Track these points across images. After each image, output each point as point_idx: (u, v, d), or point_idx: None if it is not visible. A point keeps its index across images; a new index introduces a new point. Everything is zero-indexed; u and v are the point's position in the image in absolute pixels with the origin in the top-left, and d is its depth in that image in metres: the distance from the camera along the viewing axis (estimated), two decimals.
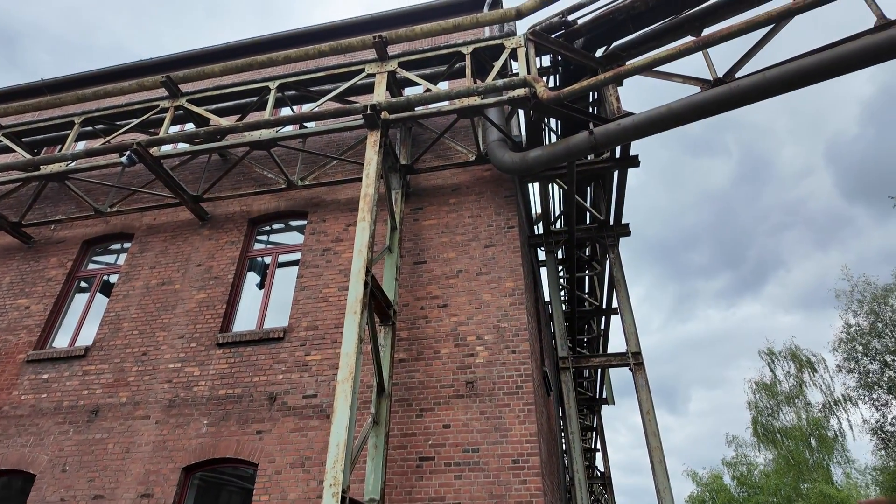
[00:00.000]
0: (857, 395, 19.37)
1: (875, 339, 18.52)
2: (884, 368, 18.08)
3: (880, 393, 18.04)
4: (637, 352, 7.94)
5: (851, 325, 19.52)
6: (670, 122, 6.53)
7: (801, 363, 26.33)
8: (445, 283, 7.38)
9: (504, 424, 6.18)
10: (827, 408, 24.02)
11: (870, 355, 18.62)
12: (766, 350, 27.61)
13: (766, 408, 27.41)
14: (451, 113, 7.25)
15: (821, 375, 25.15)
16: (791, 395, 26.50)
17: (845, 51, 5.68)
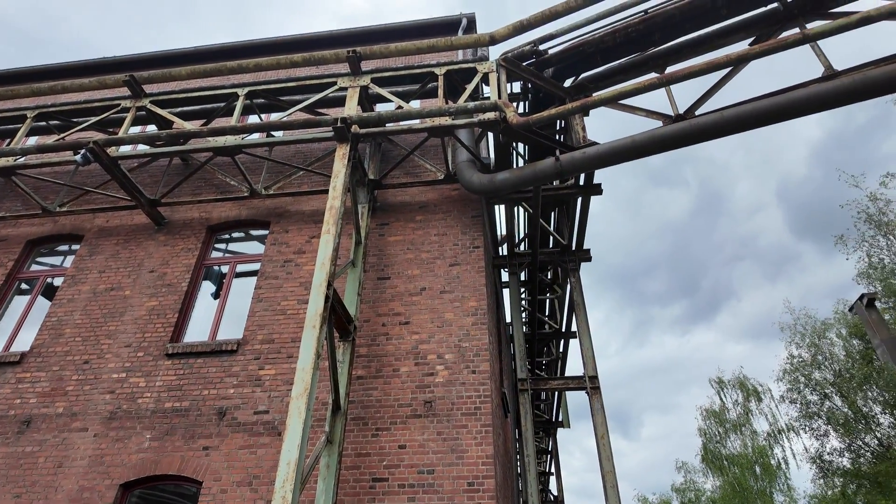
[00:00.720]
0: (799, 425, 20.17)
1: (816, 371, 19.39)
2: (823, 400, 18.91)
3: (820, 423, 18.83)
4: (594, 375, 8.04)
5: (794, 356, 20.40)
6: (633, 154, 6.76)
7: (748, 392, 27.28)
8: (408, 300, 7.32)
9: (461, 446, 6.11)
10: (771, 436, 24.89)
11: (811, 386, 19.47)
12: (717, 379, 28.53)
13: (715, 435, 28.18)
14: (422, 131, 7.29)
15: (766, 405, 26.12)
16: (738, 423, 27.33)
17: (796, 97, 6.03)
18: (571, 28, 8.15)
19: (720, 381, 28.08)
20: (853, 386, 17.71)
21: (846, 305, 19.32)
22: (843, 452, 17.98)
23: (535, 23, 7.61)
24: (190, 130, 7.87)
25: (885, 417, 17.26)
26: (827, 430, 18.51)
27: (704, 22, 7.53)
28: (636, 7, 7.83)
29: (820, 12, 6.98)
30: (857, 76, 5.88)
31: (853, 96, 5.81)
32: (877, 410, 17.44)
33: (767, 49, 5.82)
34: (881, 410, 17.30)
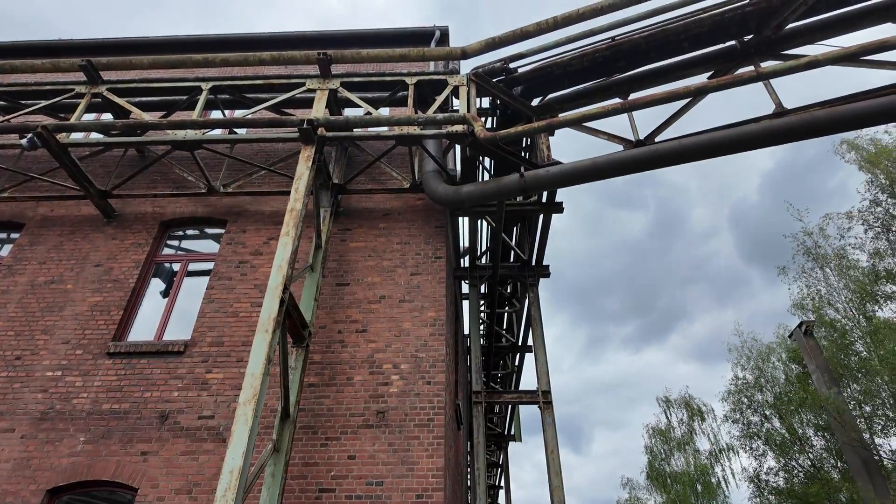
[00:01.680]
0: (740, 445, 20.94)
1: (758, 393, 20.23)
2: (763, 421, 19.73)
3: (759, 444, 19.62)
4: (547, 390, 8.14)
5: (739, 378, 21.24)
6: (594, 175, 6.93)
7: (692, 411, 28.11)
8: (367, 308, 7.24)
9: (411, 458, 6.05)
10: (713, 455, 25.69)
11: (752, 408, 20.28)
12: (664, 397, 29.27)
13: (660, 452, 28.84)
14: (389, 139, 7.27)
15: (709, 424, 26.98)
16: (682, 442, 28.08)
17: (748, 131, 6.33)
18: (541, 49, 8.34)
19: (667, 400, 28.84)
20: (791, 409, 18.57)
21: (787, 331, 20.31)
22: (779, 472, 18.79)
23: (507, 41, 7.74)
24: (148, 122, 7.60)
25: (817, 440, 18.16)
26: (765, 450, 19.31)
27: (667, 53, 7.84)
28: (604, 34, 8.09)
29: (773, 53, 7.39)
30: (804, 116, 6.24)
31: (800, 134, 6.16)
32: (810, 433, 18.34)
33: (724, 84, 6.10)
34: (814, 433, 18.20)
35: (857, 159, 14.73)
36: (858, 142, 14.99)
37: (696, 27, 7.41)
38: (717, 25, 7.38)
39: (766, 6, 7.11)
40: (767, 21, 7.17)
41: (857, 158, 14.76)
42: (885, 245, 13.79)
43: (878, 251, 14.00)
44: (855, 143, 15.08)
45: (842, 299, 15.64)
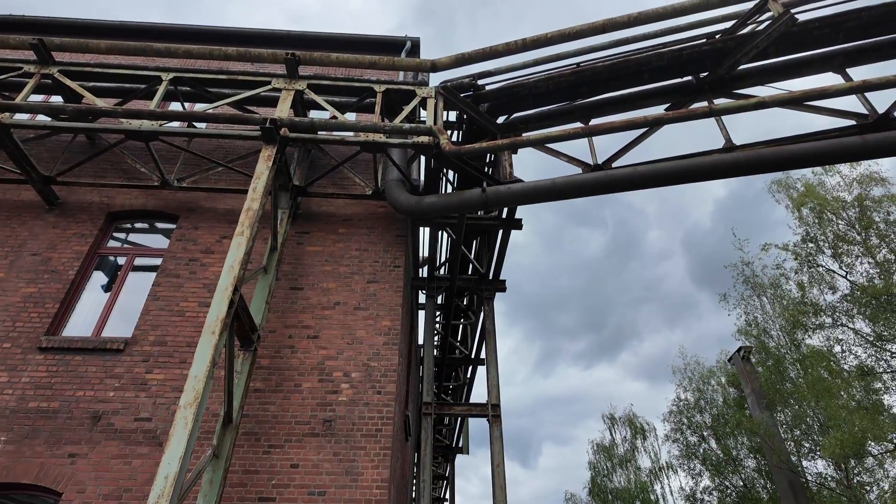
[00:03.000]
0: (679, 464, 21.66)
1: (698, 414, 21.03)
2: (701, 441, 20.50)
3: (696, 463, 20.35)
4: (496, 404, 8.20)
5: (681, 399, 22.03)
6: (553, 195, 7.10)
7: (636, 429, 28.93)
8: (320, 314, 7.13)
9: (356, 468, 5.97)
10: (653, 473, 26.47)
11: (692, 428, 21.05)
12: (609, 415, 30.03)
13: (603, 469, 29.46)
14: (354, 144, 7.24)
15: (651, 442, 27.83)
16: (625, 459, 28.80)
17: (698, 163, 6.66)
18: (509, 69, 8.53)
19: (612, 417, 29.59)
20: (727, 431, 19.38)
21: (728, 355, 21.23)
22: (713, 492, 19.55)
23: (476, 58, 7.88)
24: (102, 108, 7.29)
25: (750, 461, 19.00)
26: (701, 469, 20.05)
27: (628, 83, 8.15)
28: (570, 59, 8.36)
29: (726, 91, 7.80)
30: (751, 152, 6.61)
31: (746, 169, 6.52)
32: (744, 454, 19.17)
33: (679, 117, 6.40)
34: (747, 454, 19.04)
35: (787, 198, 15.73)
36: (789, 181, 16.03)
37: (656, 60, 7.75)
38: (676, 60, 7.75)
39: (721, 46, 7.53)
40: (722, 60, 7.58)
41: (786, 198, 15.77)
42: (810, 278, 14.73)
43: (804, 284, 14.93)
44: (786, 182, 16.11)
45: (776, 327, 16.53)
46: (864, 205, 14.23)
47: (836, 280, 14.30)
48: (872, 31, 7.39)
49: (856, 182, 14.58)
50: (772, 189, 16.55)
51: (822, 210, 14.70)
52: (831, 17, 7.29)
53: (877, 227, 13.94)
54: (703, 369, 22.05)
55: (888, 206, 13.98)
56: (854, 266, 14.01)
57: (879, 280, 13.28)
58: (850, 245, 14.09)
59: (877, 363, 12.95)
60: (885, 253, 13.63)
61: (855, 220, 14.19)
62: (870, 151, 6.19)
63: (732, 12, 7.89)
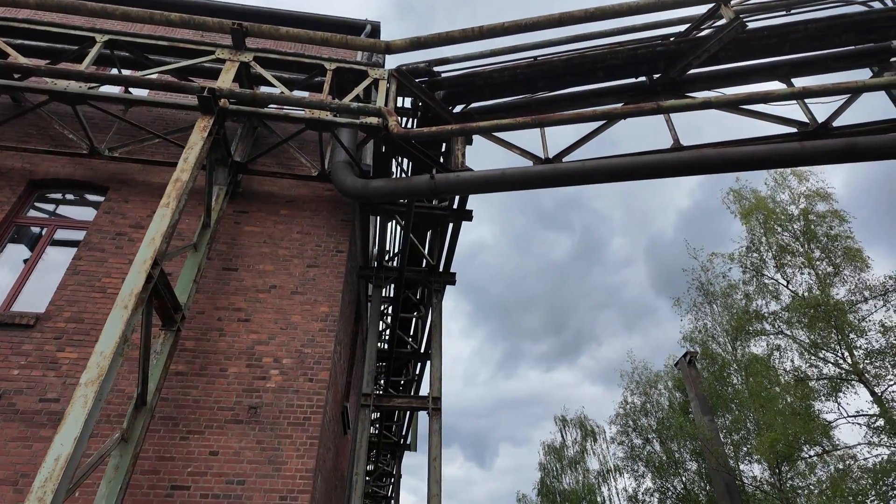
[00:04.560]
0: (624, 465, 22.03)
1: (643, 417, 21.44)
2: (646, 444, 20.91)
3: (640, 465, 20.74)
4: (438, 397, 8.03)
5: (629, 402, 22.43)
6: (502, 186, 6.98)
7: (586, 432, 29.31)
8: (253, 297, 6.80)
9: (280, 457, 5.69)
10: (601, 475, 26.85)
11: (637, 431, 21.46)
12: (561, 416, 30.33)
13: (553, 470, 29.73)
14: (299, 121, 6.95)
15: (600, 445, 28.24)
16: (574, 461, 29.13)
17: (646, 160, 6.66)
18: (466, 58, 8.40)
19: (564, 419, 29.88)
20: (670, 434, 19.82)
21: (675, 360, 21.74)
22: (654, 493, 19.97)
23: (432, 42, 7.70)
24: (26, 66, 6.77)
25: (691, 464, 19.49)
26: (645, 471, 20.45)
27: (583, 79, 8.14)
28: (528, 52, 8.29)
29: (677, 94, 7.87)
30: (696, 152, 6.66)
31: (692, 169, 6.56)
32: (686, 457, 19.64)
33: (627, 112, 6.39)
34: (689, 457, 19.52)
35: (738, 209, 16.22)
36: (742, 192, 16.54)
37: (611, 58, 7.75)
38: (630, 59, 7.78)
39: (674, 48, 7.59)
40: (674, 62, 7.65)
41: (738, 208, 16.26)
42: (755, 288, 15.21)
43: (749, 294, 15.42)
44: (739, 193, 16.62)
45: (723, 334, 16.99)
46: (808, 219, 14.77)
47: (780, 290, 14.80)
48: (816, 44, 7.59)
49: (802, 196, 15.13)
50: (727, 199, 17.02)
51: (768, 221, 15.19)
52: (779, 27, 7.44)
53: (819, 240, 14.49)
54: (650, 373, 22.54)
55: (831, 221, 14.55)
56: (795, 276, 14.53)
57: (818, 291, 13.80)
58: (794, 256, 14.60)
59: (810, 370, 13.47)
60: (825, 266, 14.18)
61: (800, 233, 14.72)
62: (807, 158, 6.32)
63: (687, 16, 7.97)
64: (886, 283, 12.94)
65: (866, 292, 13.15)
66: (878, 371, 12.22)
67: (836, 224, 14.40)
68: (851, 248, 13.92)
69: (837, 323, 12.85)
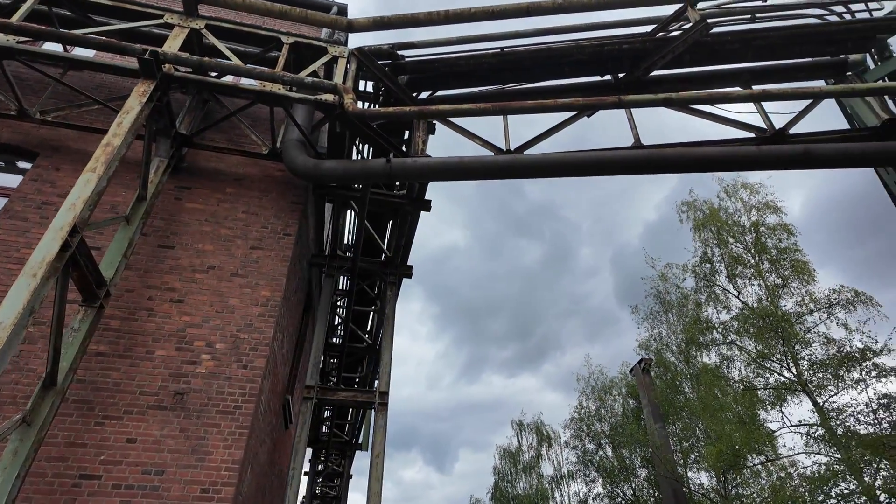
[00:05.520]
0: (577, 470, 22.13)
1: (597, 423, 21.60)
2: (598, 449, 21.05)
3: (591, 470, 20.86)
4: (385, 392, 7.73)
5: (584, 407, 22.56)
6: (461, 174, 6.77)
7: (542, 437, 29.39)
8: (189, 277, 6.38)
9: (205, 447, 5.30)
10: (555, 481, 26.93)
11: (591, 436, 21.59)
12: (518, 421, 30.34)
13: (508, 474, 29.69)
14: (249, 93, 6.58)
15: (555, 450, 28.34)
16: (529, 466, 29.16)
17: (605, 155, 6.55)
18: (432, 43, 8.19)
19: (520, 424, 29.89)
20: (623, 440, 20.01)
21: (629, 367, 21.99)
22: (604, 498, 20.11)
23: (396, 23, 7.44)
24: None
25: (641, 470, 19.70)
26: (596, 477, 20.58)
27: (550, 74, 8.04)
28: (495, 42, 8.11)
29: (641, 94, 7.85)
30: (654, 151, 6.60)
31: (648, 167, 6.49)
32: (636, 464, 19.86)
33: (589, 104, 6.28)
34: (639, 464, 19.74)
35: (692, 219, 16.53)
36: (696, 203, 16.87)
37: (577, 53, 7.66)
38: (597, 56, 7.71)
39: (640, 47, 7.55)
40: (639, 62, 7.61)
41: (692, 219, 16.56)
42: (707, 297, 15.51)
43: (701, 303, 15.70)
44: (693, 204, 16.95)
45: (676, 343, 17.25)
46: (759, 231, 15.14)
47: (731, 300, 15.11)
48: (778, 52, 7.68)
49: (754, 209, 15.52)
50: (681, 210, 17.31)
51: (721, 233, 15.51)
52: (743, 33, 7.50)
53: (769, 252, 14.86)
54: (605, 379, 22.75)
55: (780, 234, 14.95)
56: (746, 287, 14.86)
57: (767, 302, 14.13)
58: (745, 267, 14.93)
59: (756, 379, 13.75)
60: (774, 278, 14.55)
61: (751, 245, 15.07)
62: (764, 162, 6.33)
63: (655, 16, 7.96)
64: (831, 297, 13.36)
65: (812, 304, 13.56)
66: (820, 381, 12.58)
67: (785, 237, 14.81)
68: (799, 260, 14.34)
69: (784, 334, 13.18)
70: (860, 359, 12.19)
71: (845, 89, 6.50)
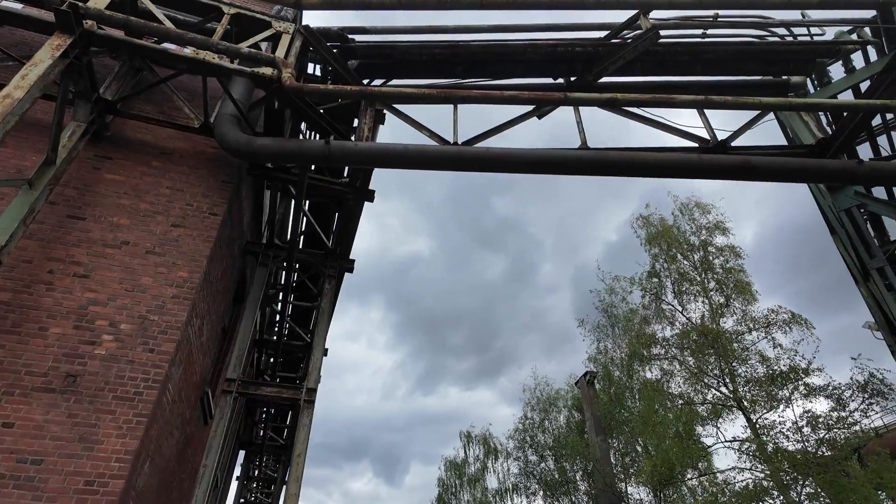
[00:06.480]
0: (519, 482, 21.97)
1: (541, 434, 21.56)
2: (541, 461, 20.98)
3: (532, 483, 20.76)
4: (313, 388, 7.34)
5: (528, 417, 22.50)
6: (404, 162, 6.52)
7: (489, 449, 29.10)
8: (98, 251, 5.86)
9: (95, 435, 4.80)
10: (499, 494, 26.67)
11: (534, 447, 21.51)
12: (466, 432, 29.96)
13: (452, 486, 29.21)
14: (178, 60, 6.16)
15: (501, 463, 28.12)
16: (474, 478, 28.78)
17: (550, 153, 6.44)
18: (385, 31, 7.97)
19: (468, 435, 29.48)
20: (565, 452, 20.01)
21: (575, 379, 22.12)
22: None
23: (348, 4, 7.21)
24: None
25: (582, 484, 19.74)
26: (537, 489, 20.47)
27: (502, 72, 7.95)
28: (449, 35, 7.96)
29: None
30: (599, 153, 6.54)
31: (592, 167, 6.42)
32: (577, 477, 19.88)
33: (535, 99, 6.18)
34: (580, 477, 19.77)
35: (645, 235, 16.86)
36: (650, 219, 17.20)
37: (530, 51, 7.59)
38: (549, 56, 7.65)
39: (592, 51, 7.55)
40: (591, 66, 7.60)
41: (644, 234, 16.89)
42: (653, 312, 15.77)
43: (647, 318, 15.96)
44: (648, 219, 17.28)
45: (621, 356, 17.43)
46: (707, 250, 15.53)
47: (676, 316, 15.38)
48: (725, 68, 7.83)
49: (704, 229, 15.92)
50: (635, 225, 17.61)
51: (671, 249, 15.83)
52: (692, 45, 7.60)
53: (715, 272, 15.24)
54: (551, 390, 22.77)
55: (727, 255, 15.37)
56: (691, 304, 15.17)
57: (709, 320, 14.44)
58: (691, 285, 15.25)
59: (695, 395, 13.99)
60: (718, 296, 14.91)
61: (698, 263, 15.43)
62: (705, 170, 6.36)
63: (609, 22, 7.98)
64: (769, 317, 13.76)
65: (751, 323, 13.93)
66: (754, 398, 12.88)
67: (732, 258, 15.24)
68: (742, 281, 14.76)
69: (722, 351, 13.47)
70: (791, 377, 12.55)
71: (783, 102, 6.65)
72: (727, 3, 7.21)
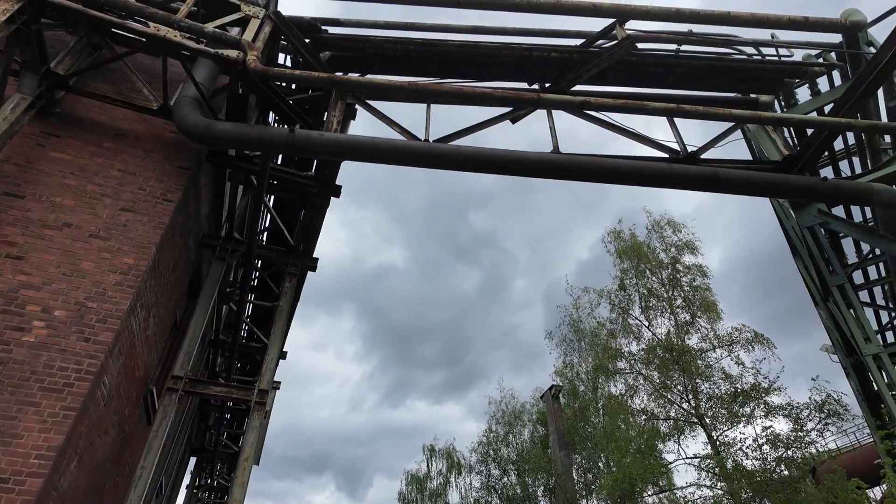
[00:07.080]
0: (481, 496, 21.60)
1: (504, 448, 21.31)
2: (503, 475, 20.72)
3: (494, 497, 20.46)
4: (265, 390, 6.98)
5: (493, 431, 22.24)
6: (371, 155, 6.32)
7: (452, 463, 28.67)
8: (36, 232, 5.46)
9: (14, 428, 4.40)
10: None
11: (497, 461, 21.24)
12: (429, 446, 29.47)
13: (413, 501, 28.62)
14: (138, 35, 5.85)
15: (464, 478, 27.69)
16: (436, 493, 28.25)
17: (521, 156, 6.33)
18: (359, 24, 7.81)
19: (432, 449, 28.97)
20: (528, 467, 19.81)
21: (541, 392, 22.02)
22: None
23: None
24: None
25: (543, 499, 19.54)
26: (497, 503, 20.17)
27: (477, 73, 7.86)
28: (425, 32, 7.84)
29: None
30: (570, 157, 6.49)
31: (563, 172, 6.34)
32: (539, 493, 19.68)
33: (506, 97, 6.09)
34: (542, 493, 19.58)
35: (615, 249, 16.97)
36: (622, 234, 17.35)
37: (505, 54, 7.53)
38: (525, 60, 7.60)
39: (567, 58, 7.52)
40: (566, 73, 7.58)
41: (614, 248, 17.00)
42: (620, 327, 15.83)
43: (614, 332, 16.00)
44: (620, 234, 17.42)
45: (586, 370, 17.41)
46: (676, 268, 15.70)
47: (642, 331, 15.46)
48: (697, 82, 7.91)
49: (673, 246, 16.10)
50: (606, 239, 17.71)
51: (640, 265, 15.96)
52: (665, 57, 7.66)
53: (683, 289, 15.40)
54: (517, 404, 22.61)
55: (695, 273, 15.57)
56: (657, 319, 15.27)
57: (675, 336, 14.55)
58: (658, 301, 15.37)
59: (659, 410, 14.02)
60: (684, 314, 15.06)
61: (666, 280, 15.57)
62: (674, 179, 6.35)
63: (586, 31, 7.99)
64: (733, 335, 13.94)
65: (715, 341, 14.08)
66: (715, 414, 12.97)
67: (699, 277, 15.45)
68: (708, 299, 14.93)
69: (685, 367, 13.55)
70: (752, 395, 12.68)
71: (753, 115, 6.73)
72: (702, 18, 7.30)
